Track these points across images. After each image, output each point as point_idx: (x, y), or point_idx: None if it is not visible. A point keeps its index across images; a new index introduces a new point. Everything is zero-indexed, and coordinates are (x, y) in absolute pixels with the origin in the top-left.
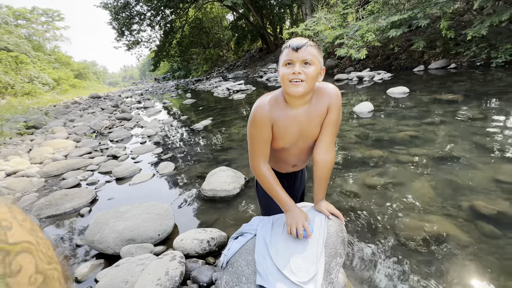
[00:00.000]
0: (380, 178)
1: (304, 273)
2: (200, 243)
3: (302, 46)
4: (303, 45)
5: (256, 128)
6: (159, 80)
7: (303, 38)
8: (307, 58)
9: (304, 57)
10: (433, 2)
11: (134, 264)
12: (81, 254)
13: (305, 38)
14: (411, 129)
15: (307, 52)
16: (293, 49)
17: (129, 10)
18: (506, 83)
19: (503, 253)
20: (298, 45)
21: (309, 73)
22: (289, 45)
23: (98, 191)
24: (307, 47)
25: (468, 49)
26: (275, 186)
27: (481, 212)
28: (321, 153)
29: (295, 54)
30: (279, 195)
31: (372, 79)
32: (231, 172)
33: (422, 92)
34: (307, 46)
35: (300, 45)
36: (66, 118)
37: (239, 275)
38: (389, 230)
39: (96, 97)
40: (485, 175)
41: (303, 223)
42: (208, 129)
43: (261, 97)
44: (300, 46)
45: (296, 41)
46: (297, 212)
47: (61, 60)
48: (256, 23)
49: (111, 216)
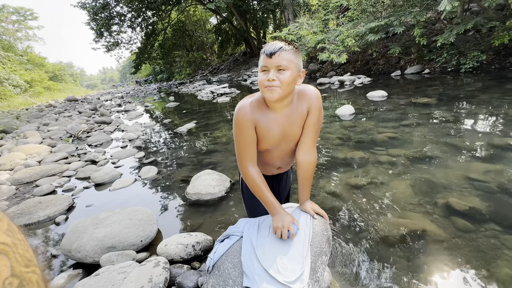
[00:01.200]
0: (362, 178)
1: (290, 272)
2: (185, 248)
3: (275, 52)
4: (276, 51)
5: (240, 130)
6: (140, 82)
7: (278, 42)
8: (282, 63)
9: (278, 63)
10: (408, 11)
11: (115, 273)
12: (57, 264)
13: (280, 42)
14: (390, 131)
15: (281, 58)
16: (267, 55)
17: (108, 11)
18: (474, 88)
19: (476, 245)
20: (271, 51)
21: (284, 79)
22: (264, 51)
23: (76, 197)
24: (281, 53)
25: (440, 55)
26: (263, 189)
27: (455, 208)
28: (303, 154)
29: (270, 61)
30: (267, 198)
31: (353, 83)
32: (216, 175)
33: (399, 95)
34: (281, 51)
35: (274, 51)
36: (40, 122)
37: (225, 278)
38: (371, 228)
39: (73, 100)
40: (458, 174)
41: (289, 227)
42: (192, 133)
43: (242, 100)
44: (273, 52)
45: (270, 47)
46: (283, 215)
47: (34, 61)
48: (239, 27)
49: (90, 223)
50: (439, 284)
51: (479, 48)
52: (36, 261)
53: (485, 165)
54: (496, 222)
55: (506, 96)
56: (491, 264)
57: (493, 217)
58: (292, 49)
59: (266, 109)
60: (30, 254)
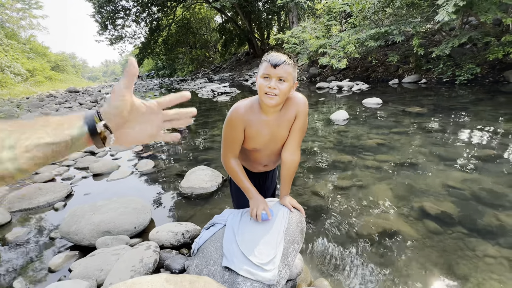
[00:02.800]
0: (347, 180)
1: (264, 256)
2: (175, 235)
3: (280, 64)
4: (281, 63)
5: (230, 128)
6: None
7: (282, 55)
8: (283, 75)
9: (280, 75)
10: (408, 21)
11: (109, 254)
12: (55, 246)
13: (284, 56)
14: (379, 138)
15: (283, 70)
16: (272, 65)
17: (113, 4)
18: (467, 100)
19: (443, 246)
20: (276, 62)
21: (283, 89)
22: (269, 61)
23: (74, 186)
24: (284, 66)
25: (437, 66)
26: (242, 177)
27: (428, 212)
28: (289, 154)
29: (273, 70)
30: (245, 184)
31: (351, 89)
32: (209, 171)
33: (394, 104)
34: (284, 64)
35: (279, 63)
36: (41, 112)
37: (207, 259)
38: (349, 225)
39: (74, 91)
40: (437, 180)
41: (264, 207)
42: (190, 129)
43: (239, 101)
44: (278, 64)
45: (275, 58)
46: (259, 198)
47: (37, 50)
48: (244, 27)
49: (88, 210)
50: (406, 279)
51: (474, 61)
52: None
53: (464, 174)
54: (463, 225)
55: (497, 110)
56: (453, 263)
57: (462, 221)
58: (292, 64)
59: (258, 112)
60: None
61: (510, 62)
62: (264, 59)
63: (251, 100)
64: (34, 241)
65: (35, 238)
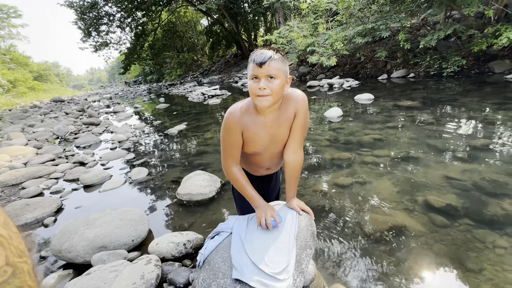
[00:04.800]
0: (348, 178)
1: (276, 264)
2: (176, 246)
3: (265, 61)
4: (266, 61)
5: (228, 133)
6: (129, 83)
7: (267, 50)
8: (271, 72)
9: (268, 72)
10: (394, 17)
11: (106, 271)
12: (47, 265)
13: (269, 50)
14: (375, 133)
15: (271, 67)
16: (257, 64)
17: (96, 10)
18: (455, 92)
19: (451, 239)
20: (261, 60)
21: (274, 87)
22: (254, 60)
23: (64, 199)
24: (271, 62)
25: (424, 60)
26: (245, 185)
27: (433, 205)
28: (291, 154)
29: (260, 70)
30: (249, 192)
31: (341, 86)
32: (206, 176)
33: (386, 98)
34: (270, 61)
35: (264, 60)
36: (25, 123)
37: (215, 271)
38: (356, 225)
39: (59, 101)
40: (437, 173)
41: (272, 214)
42: (182, 134)
43: (234, 104)
44: (263, 61)
45: (259, 56)
46: (265, 205)
47: (17, 60)
48: (231, 29)
49: (80, 224)
50: (418, 276)
51: (460, 54)
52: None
53: (462, 165)
54: (469, 217)
55: (485, 100)
56: (464, 256)
57: (467, 213)
58: (280, 58)
59: (255, 114)
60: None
61: (494, 53)
62: (250, 59)
63: (247, 102)
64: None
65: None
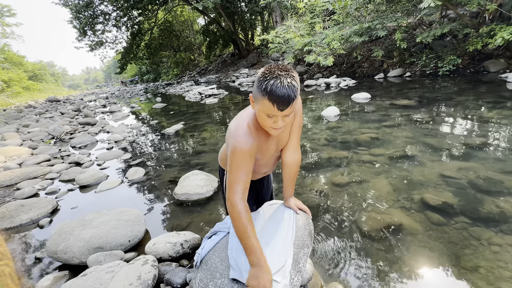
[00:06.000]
0: (345, 177)
1: (272, 265)
2: (174, 246)
3: (287, 107)
4: (288, 106)
5: (243, 159)
6: (126, 83)
7: (287, 86)
8: (291, 112)
9: (287, 113)
10: (390, 16)
11: (103, 272)
12: (42, 267)
13: (289, 87)
14: (372, 132)
15: (291, 108)
16: (278, 109)
17: (92, 9)
18: (451, 91)
19: (448, 237)
20: (283, 107)
21: (289, 120)
22: (274, 103)
23: (60, 200)
24: (292, 103)
25: (420, 59)
26: (248, 230)
27: (429, 203)
28: (291, 154)
29: (279, 112)
30: (250, 241)
31: (338, 85)
32: (204, 176)
33: (382, 97)
34: (293, 102)
35: (287, 106)
36: (20, 123)
37: (213, 271)
38: (353, 223)
39: (55, 101)
40: (433, 171)
41: (266, 286)
42: (179, 134)
43: (241, 125)
44: (285, 108)
45: (281, 99)
46: (263, 271)
47: (12, 59)
48: (227, 28)
49: (76, 225)
50: (415, 274)
51: (455, 53)
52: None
53: (458, 163)
54: (465, 215)
55: (480, 99)
56: (461, 254)
57: (463, 211)
58: (298, 88)
59: (262, 130)
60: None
61: (489, 52)
62: (264, 89)
63: (251, 118)
64: (18, 263)
65: (19, 259)
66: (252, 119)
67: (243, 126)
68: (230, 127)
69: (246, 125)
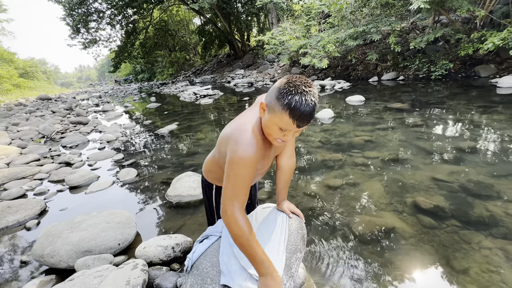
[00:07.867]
0: (338, 179)
1: None
2: (165, 250)
3: (307, 124)
4: (308, 124)
5: (247, 169)
6: (120, 82)
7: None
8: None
9: (303, 129)
10: (384, 20)
11: (91, 277)
12: (28, 271)
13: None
14: (366, 134)
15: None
16: (297, 125)
17: (86, 7)
18: (443, 95)
19: (439, 241)
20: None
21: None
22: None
23: (48, 201)
24: None
25: (413, 63)
26: (251, 241)
27: (421, 207)
28: (287, 159)
29: (295, 128)
30: (256, 252)
31: (333, 87)
32: (197, 177)
33: (376, 100)
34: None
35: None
36: (9, 122)
37: (204, 276)
38: (345, 226)
39: (46, 99)
40: (425, 174)
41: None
42: (173, 134)
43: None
44: (304, 125)
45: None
46: (273, 281)
47: (2, 56)
48: (223, 29)
49: (64, 227)
50: (407, 277)
51: (447, 58)
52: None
53: (450, 167)
54: (456, 218)
55: (471, 103)
56: (451, 257)
57: (454, 214)
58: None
59: (263, 139)
60: None
61: (480, 57)
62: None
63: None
64: (3, 267)
65: (4, 263)
66: (257, 126)
67: (247, 132)
68: (228, 133)
69: (251, 131)
